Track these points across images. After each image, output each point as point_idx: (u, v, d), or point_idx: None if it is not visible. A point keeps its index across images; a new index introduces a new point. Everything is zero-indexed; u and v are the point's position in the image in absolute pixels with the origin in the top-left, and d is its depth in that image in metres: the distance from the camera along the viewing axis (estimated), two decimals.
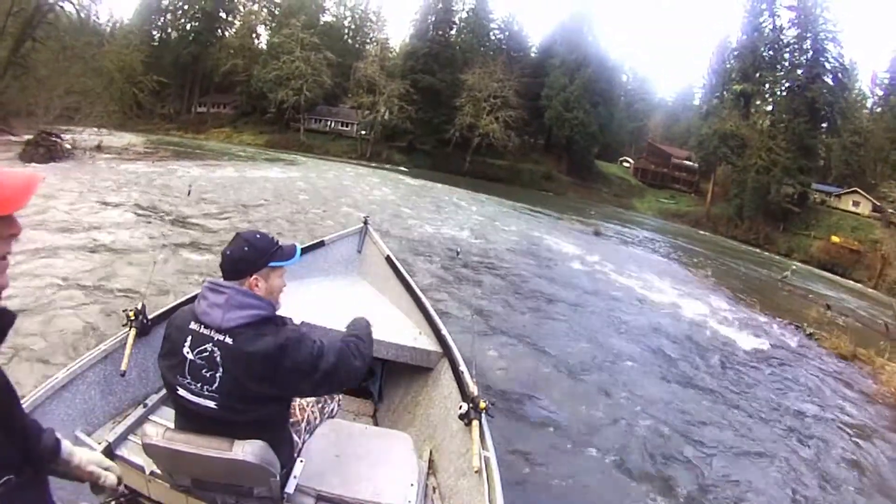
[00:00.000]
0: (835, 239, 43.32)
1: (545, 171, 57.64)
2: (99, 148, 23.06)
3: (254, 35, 65.56)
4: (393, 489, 2.25)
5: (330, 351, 1.90)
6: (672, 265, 20.75)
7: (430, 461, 2.70)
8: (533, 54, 64.49)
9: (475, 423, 2.41)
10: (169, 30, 64.49)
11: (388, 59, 60.29)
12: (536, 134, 61.49)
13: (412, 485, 2.30)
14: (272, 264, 1.89)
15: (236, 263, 1.85)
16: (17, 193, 0.93)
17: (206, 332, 1.78)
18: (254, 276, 1.85)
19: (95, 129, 24.65)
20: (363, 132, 56.94)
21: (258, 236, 1.91)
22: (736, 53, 53.85)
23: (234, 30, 65.55)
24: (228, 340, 1.75)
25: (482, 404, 2.48)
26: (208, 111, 63.74)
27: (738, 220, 50.20)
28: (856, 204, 49.11)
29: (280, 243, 1.96)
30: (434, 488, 2.53)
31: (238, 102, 61.95)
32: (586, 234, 24.91)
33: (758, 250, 43.48)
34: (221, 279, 1.87)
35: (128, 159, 21.92)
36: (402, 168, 49.82)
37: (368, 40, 69.06)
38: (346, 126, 59.01)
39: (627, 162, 70.76)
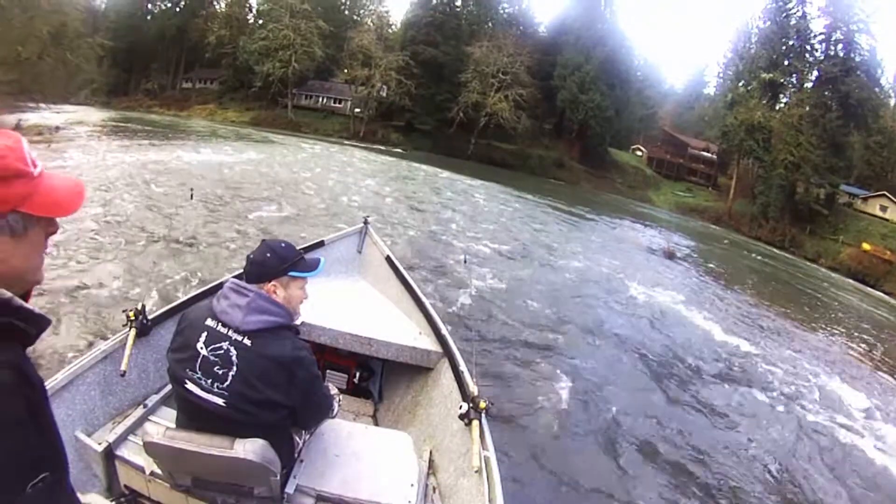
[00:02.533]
0: (866, 246, 41.55)
1: (556, 158, 53.18)
2: (17, 127, 18.62)
3: (247, 6, 61.00)
4: (393, 489, 2.23)
5: (324, 385, 2.07)
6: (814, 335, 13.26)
7: (430, 461, 2.68)
8: (542, 32, 59.34)
9: (475, 422, 2.41)
10: (157, 1, 61.36)
11: (386, 29, 55.36)
12: (546, 117, 56.36)
13: (412, 485, 2.28)
14: (292, 273, 1.94)
15: (257, 268, 1.90)
16: (70, 199, 1.00)
17: (223, 330, 1.80)
18: (272, 283, 1.90)
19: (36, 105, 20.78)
20: (357, 110, 52.22)
21: (283, 245, 1.97)
22: (763, 40, 50.20)
23: (225, 1, 61.84)
24: (247, 342, 1.79)
25: (482, 404, 2.47)
26: (193, 87, 60.26)
27: (762, 219, 47.44)
28: (883, 209, 47.21)
29: (304, 254, 2.02)
30: (434, 488, 2.51)
31: (225, 77, 57.91)
32: (656, 255, 19.17)
33: (786, 254, 41.39)
34: (244, 281, 1.90)
35: (32, 142, 17.00)
36: (399, 150, 45.96)
37: (367, 13, 63.33)
38: (339, 103, 54.74)
39: (640, 150, 66.76)
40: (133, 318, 2.70)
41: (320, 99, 56.19)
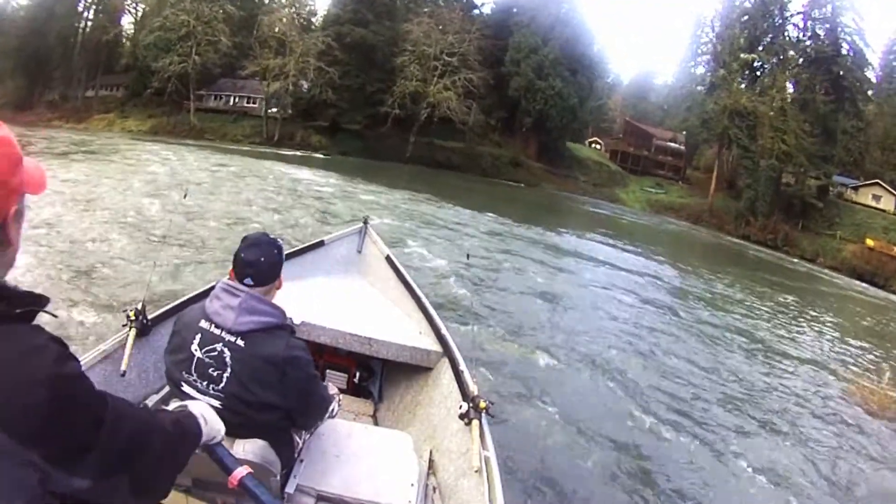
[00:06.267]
0: (869, 242, 38.34)
1: (511, 156, 46.12)
2: None
3: None
4: (393, 489, 2.22)
5: (322, 384, 2.01)
6: None
7: (430, 461, 2.66)
8: (489, 13, 51.80)
9: (475, 422, 2.42)
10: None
11: (304, 13, 46.86)
12: (494, 109, 48.69)
13: (412, 485, 2.26)
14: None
15: (273, 268, 1.83)
16: (42, 177, 1.01)
17: (216, 331, 1.77)
18: (276, 282, 1.86)
19: None
20: (273, 109, 43.61)
21: (280, 242, 1.91)
22: (741, 20, 45.79)
23: None
24: (240, 343, 1.75)
25: (482, 404, 2.47)
26: (96, 95, 51.31)
27: (749, 215, 42.68)
28: (876, 198, 44.66)
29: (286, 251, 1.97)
30: (434, 488, 2.51)
31: (128, 82, 49.25)
32: None
33: (780, 254, 37.77)
34: (235, 281, 1.81)
35: None
36: (320, 155, 38.12)
37: None
38: (254, 103, 46.17)
39: (598, 143, 60.43)
40: (133, 318, 2.63)
41: (231, 99, 47.80)
